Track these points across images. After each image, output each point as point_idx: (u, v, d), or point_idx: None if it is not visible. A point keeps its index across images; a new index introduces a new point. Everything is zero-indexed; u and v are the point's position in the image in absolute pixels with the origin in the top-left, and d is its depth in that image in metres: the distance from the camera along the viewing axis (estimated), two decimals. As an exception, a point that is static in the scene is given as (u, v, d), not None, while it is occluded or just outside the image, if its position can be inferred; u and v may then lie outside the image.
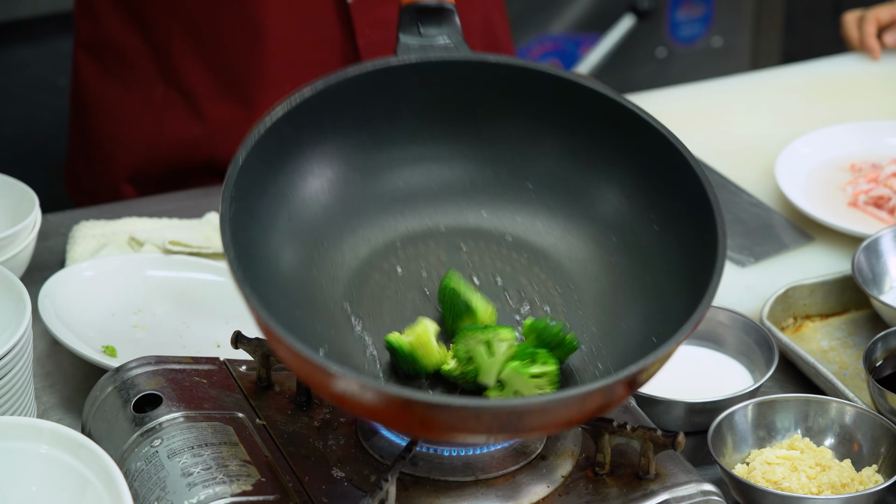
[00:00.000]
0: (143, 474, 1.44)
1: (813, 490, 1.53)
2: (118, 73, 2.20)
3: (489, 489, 1.42)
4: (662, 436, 1.41)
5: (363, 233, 1.54)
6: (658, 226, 1.49)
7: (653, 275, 1.47)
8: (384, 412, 1.33)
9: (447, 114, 1.55)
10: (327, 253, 1.51)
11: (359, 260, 1.52)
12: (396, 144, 1.55)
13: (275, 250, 1.47)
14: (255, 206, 1.45)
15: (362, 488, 1.42)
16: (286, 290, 1.46)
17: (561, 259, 1.53)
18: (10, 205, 1.88)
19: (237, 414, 1.50)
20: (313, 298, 1.48)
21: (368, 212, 1.54)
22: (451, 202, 1.57)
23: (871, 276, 1.82)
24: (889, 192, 2.01)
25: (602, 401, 1.33)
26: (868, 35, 2.40)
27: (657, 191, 1.49)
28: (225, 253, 1.36)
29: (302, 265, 1.49)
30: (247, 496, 1.39)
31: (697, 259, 1.41)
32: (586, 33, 3.61)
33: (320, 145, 1.52)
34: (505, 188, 1.56)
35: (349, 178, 1.54)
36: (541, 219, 1.55)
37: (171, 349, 1.74)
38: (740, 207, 2.02)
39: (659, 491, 1.42)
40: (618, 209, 1.52)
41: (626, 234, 1.51)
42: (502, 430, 1.32)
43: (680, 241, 1.46)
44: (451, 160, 1.57)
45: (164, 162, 2.20)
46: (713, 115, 2.28)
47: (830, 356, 1.78)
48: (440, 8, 1.52)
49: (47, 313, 1.73)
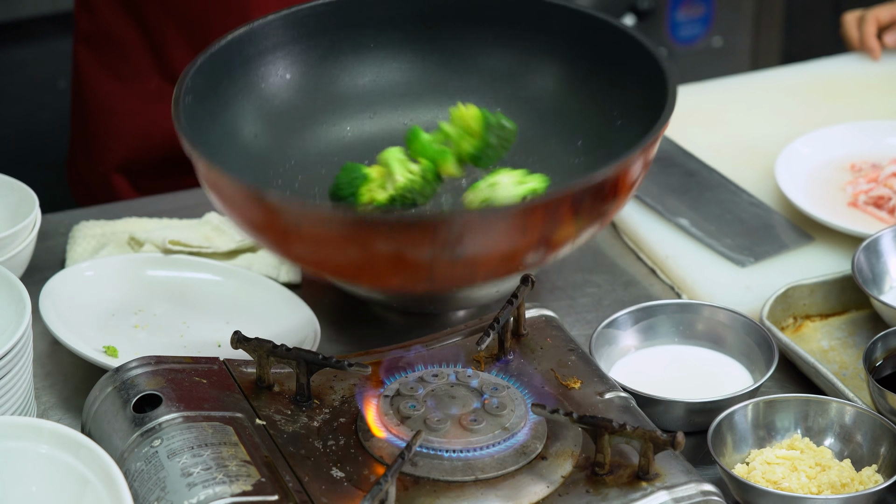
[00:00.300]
0: (143, 474, 1.44)
1: (813, 490, 1.53)
2: (114, 65, 2.21)
3: (489, 489, 1.42)
4: (662, 436, 1.41)
5: (329, 148, 1.60)
6: (620, 119, 1.54)
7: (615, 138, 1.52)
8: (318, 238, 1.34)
9: (415, 43, 1.62)
10: (291, 164, 1.57)
11: (323, 172, 1.57)
12: (366, 65, 1.61)
13: (236, 152, 1.53)
14: (216, 110, 1.51)
15: (362, 488, 1.42)
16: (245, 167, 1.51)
17: (528, 166, 1.55)
18: (10, 205, 1.88)
19: (237, 414, 1.50)
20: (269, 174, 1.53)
21: (334, 120, 1.61)
22: (417, 114, 1.63)
23: (871, 276, 1.82)
24: (889, 192, 2.00)
25: (545, 218, 1.32)
26: (868, 35, 2.40)
27: (614, 82, 1.55)
28: (176, 125, 1.41)
29: (264, 170, 1.55)
30: (246, 496, 1.39)
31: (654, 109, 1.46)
32: (586, 33, 3.60)
33: (287, 68, 1.58)
34: (471, 97, 1.60)
35: (316, 102, 1.60)
36: None
37: (172, 349, 1.74)
38: (740, 207, 2.02)
39: (658, 491, 1.42)
40: (581, 113, 1.58)
41: (589, 134, 1.56)
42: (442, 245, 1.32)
43: (640, 124, 1.49)
44: (421, 91, 1.64)
45: (159, 153, 2.21)
46: (713, 115, 2.27)
47: (830, 356, 1.78)
48: None
49: (48, 313, 1.73)
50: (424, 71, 1.62)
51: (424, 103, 1.62)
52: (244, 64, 1.54)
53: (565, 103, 1.57)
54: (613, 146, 1.50)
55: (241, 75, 1.53)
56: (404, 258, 1.29)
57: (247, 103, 1.53)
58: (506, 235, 1.30)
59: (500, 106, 1.59)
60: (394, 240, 1.28)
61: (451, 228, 1.28)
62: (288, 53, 1.56)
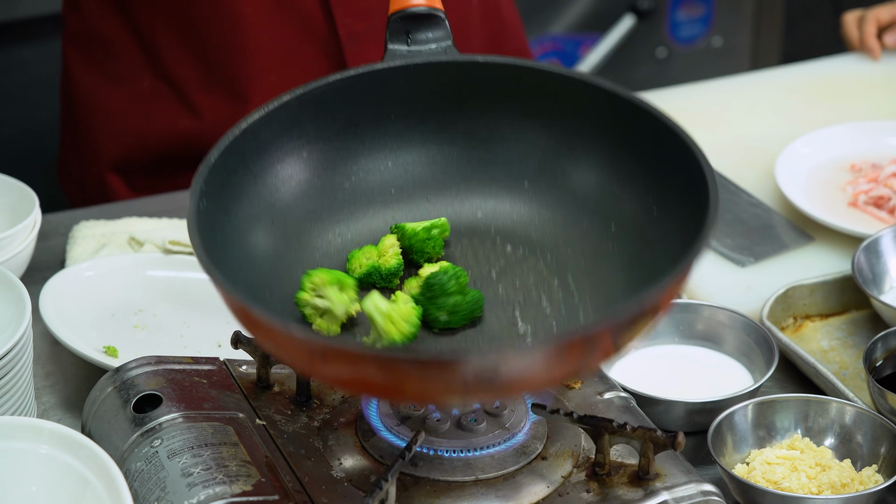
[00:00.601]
0: (143, 474, 1.44)
1: (813, 490, 1.53)
2: (105, 65, 2.20)
3: (489, 489, 1.42)
4: (662, 436, 1.41)
5: (350, 233, 1.52)
6: (656, 208, 1.45)
7: (650, 255, 1.43)
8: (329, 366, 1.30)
9: (437, 115, 1.53)
10: (311, 251, 1.50)
11: (344, 259, 1.50)
12: (386, 148, 1.53)
13: (253, 247, 1.45)
14: (230, 205, 1.44)
15: (362, 488, 1.42)
16: (268, 283, 1.44)
17: (559, 250, 1.50)
18: (9, 205, 1.88)
19: (237, 414, 1.50)
20: (295, 292, 1.46)
21: (356, 212, 1.53)
22: (445, 203, 1.55)
23: (871, 276, 1.82)
24: (889, 192, 2.01)
25: (583, 351, 1.27)
26: (868, 35, 2.40)
27: (654, 173, 1.45)
28: (191, 242, 1.34)
29: (285, 262, 1.48)
30: (247, 496, 1.39)
31: (691, 232, 1.35)
32: (587, 33, 3.61)
33: (304, 148, 1.50)
34: (500, 187, 1.54)
35: (336, 180, 1.52)
36: (538, 215, 1.53)
37: (172, 349, 1.74)
38: (740, 207, 2.02)
39: (659, 491, 1.42)
40: (615, 196, 1.49)
41: (624, 220, 1.48)
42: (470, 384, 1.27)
43: (676, 218, 1.41)
44: (444, 163, 1.55)
45: (154, 153, 2.20)
46: (713, 115, 2.28)
47: (830, 356, 1.78)
48: (429, 14, 1.50)
49: (48, 313, 1.73)
50: (448, 145, 1.54)
51: (449, 178, 1.54)
52: (259, 150, 1.47)
53: (599, 185, 1.49)
54: (647, 235, 1.44)
55: (257, 161, 1.46)
56: (438, 390, 1.28)
57: (262, 189, 1.47)
58: (544, 367, 1.26)
59: (527, 181, 1.52)
60: (426, 377, 1.26)
61: (484, 366, 1.24)
62: (304, 132, 1.48)
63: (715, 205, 1.34)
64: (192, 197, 1.38)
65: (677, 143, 1.42)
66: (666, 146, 1.43)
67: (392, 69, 1.49)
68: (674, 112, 2.30)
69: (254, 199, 1.46)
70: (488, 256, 1.51)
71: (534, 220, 1.52)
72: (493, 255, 1.51)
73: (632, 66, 3.65)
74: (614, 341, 1.29)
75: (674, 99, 2.33)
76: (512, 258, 1.50)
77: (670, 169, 1.43)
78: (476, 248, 1.52)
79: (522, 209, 1.53)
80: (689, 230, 1.34)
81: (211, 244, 1.35)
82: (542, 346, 1.26)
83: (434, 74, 1.50)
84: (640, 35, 3.63)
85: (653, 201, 1.45)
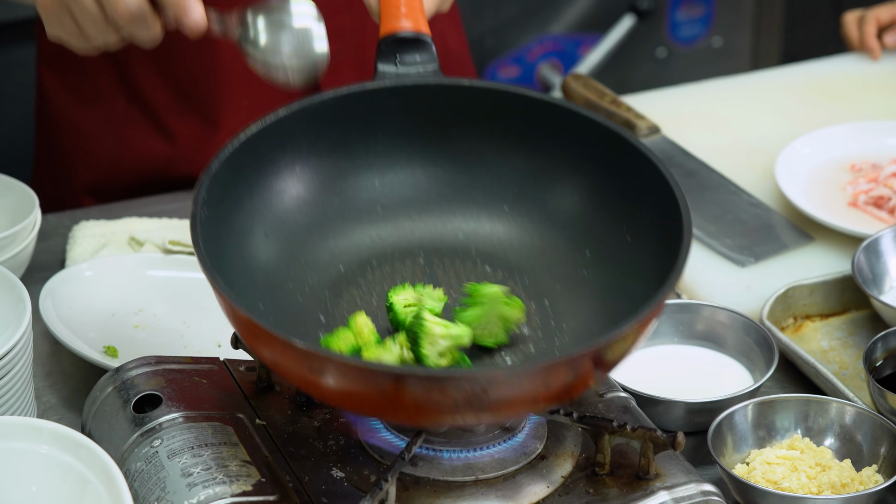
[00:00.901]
0: (143, 474, 1.44)
1: (813, 490, 1.53)
2: (79, 86, 2.18)
3: (489, 489, 1.42)
4: (662, 436, 1.41)
5: (338, 248, 1.56)
6: (630, 236, 1.50)
7: (626, 279, 1.48)
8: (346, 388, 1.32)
9: (423, 136, 1.58)
10: (302, 264, 1.53)
11: (333, 275, 1.54)
12: (374, 167, 1.58)
13: (248, 257, 1.49)
14: (228, 215, 1.48)
15: (362, 488, 1.42)
16: (260, 294, 1.48)
17: (536, 275, 1.54)
18: (9, 205, 1.88)
19: (237, 414, 1.50)
20: (288, 305, 1.50)
21: (345, 228, 1.57)
22: (428, 223, 1.59)
23: (871, 276, 1.82)
24: (889, 192, 2.01)
25: (567, 376, 1.32)
26: (868, 35, 2.40)
27: (628, 201, 1.51)
28: (195, 250, 1.38)
29: (276, 274, 1.51)
30: (247, 496, 1.39)
31: (668, 256, 1.41)
32: (586, 33, 3.61)
33: (297, 163, 1.54)
34: (480, 210, 1.58)
35: (326, 196, 1.56)
36: (517, 238, 1.57)
37: (173, 349, 1.74)
38: (740, 207, 2.02)
39: (659, 491, 1.42)
40: (591, 221, 1.54)
41: (599, 247, 1.52)
42: (468, 403, 1.31)
43: (650, 247, 1.46)
44: (428, 184, 1.59)
45: (127, 176, 2.18)
46: (713, 116, 2.28)
47: (830, 356, 1.78)
48: (417, 39, 1.56)
49: (48, 314, 1.73)
50: (433, 166, 1.59)
51: (433, 199, 1.59)
52: (256, 161, 1.51)
53: (577, 212, 1.54)
54: (621, 263, 1.49)
55: (252, 173, 1.51)
56: (429, 408, 1.32)
57: (258, 201, 1.52)
58: (529, 389, 1.31)
59: (506, 205, 1.58)
60: (420, 393, 1.30)
61: (475, 385, 1.29)
62: (297, 147, 1.53)
63: (688, 238, 1.39)
64: (194, 205, 1.42)
65: (652, 171, 1.47)
66: (641, 175, 1.48)
67: (382, 89, 1.55)
68: (674, 112, 2.31)
69: (249, 211, 1.51)
70: (468, 276, 1.55)
71: (512, 243, 1.57)
72: (474, 276, 1.55)
73: (632, 66, 3.65)
74: (596, 363, 1.33)
75: (673, 99, 2.33)
76: (492, 279, 1.54)
77: (645, 197, 1.48)
78: (458, 269, 1.56)
79: (501, 232, 1.58)
80: (661, 261, 1.40)
81: (212, 253, 1.39)
82: (530, 368, 1.31)
83: (421, 96, 1.56)
84: (640, 35, 3.63)
85: (626, 229, 1.50)
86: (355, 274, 1.54)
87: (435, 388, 1.29)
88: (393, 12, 1.56)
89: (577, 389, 1.36)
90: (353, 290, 1.53)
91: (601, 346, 1.32)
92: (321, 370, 1.31)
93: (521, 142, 1.57)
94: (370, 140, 1.57)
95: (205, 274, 1.37)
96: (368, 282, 1.54)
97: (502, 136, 1.57)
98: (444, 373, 1.32)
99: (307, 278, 1.52)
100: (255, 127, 1.50)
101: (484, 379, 1.29)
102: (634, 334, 1.35)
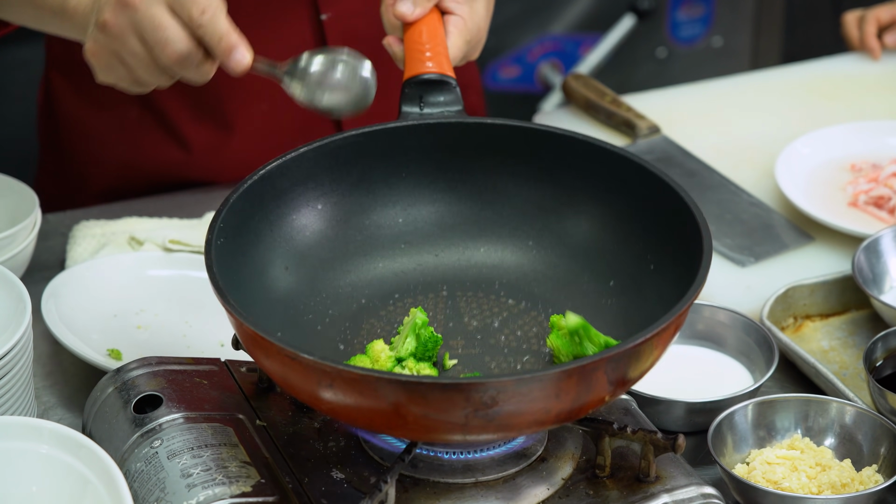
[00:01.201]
0: (143, 475, 1.44)
1: (813, 490, 1.53)
2: (92, 93, 2.17)
3: (489, 491, 1.42)
4: (663, 438, 1.41)
5: (361, 282, 1.58)
6: (653, 264, 1.51)
7: (649, 306, 1.48)
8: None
9: (447, 174, 1.60)
10: (323, 297, 1.55)
11: (354, 307, 1.56)
12: (398, 204, 1.60)
13: (268, 289, 1.51)
14: (248, 248, 1.50)
15: (362, 490, 1.42)
16: (279, 323, 1.49)
17: (560, 306, 1.55)
18: (10, 205, 1.88)
19: (237, 415, 1.50)
20: (307, 335, 1.52)
21: (368, 263, 1.59)
22: (452, 259, 1.61)
23: (871, 275, 1.82)
24: (889, 192, 2.01)
25: (578, 386, 1.31)
26: (868, 35, 2.40)
27: (651, 231, 1.52)
28: (209, 277, 1.40)
29: (296, 306, 1.53)
30: (246, 497, 1.39)
31: (689, 278, 1.42)
32: (587, 33, 3.60)
33: (319, 200, 1.57)
34: (505, 244, 1.60)
35: (349, 232, 1.59)
36: (541, 272, 1.58)
37: (175, 349, 1.74)
38: (740, 207, 2.02)
39: (659, 493, 1.42)
40: (614, 252, 1.55)
41: (622, 276, 1.53)
42: (475, 413, 1.31)
43: (671, 275, 1.47)
44: (452, 220, 1.61)
45: (141, 182, 2.17)
46: (713, 115, 2.28)
47: (830, 356, 1.78)
48: (441, 81, 1.58)
49: (51, 317, 1.73)
50: (457, 203, 1.61)
51: (457, 235, 1.61)
52: (276, 197, 1.53)
53: (599, 243, 1.56)
54: (645, 290, 1.50)
55: (273, 209, 1.53)
56: (437, 419, 1.31)
57: (278, 236, 1.54)
58: (540, 399, 1.31)
59: (531, 240, 1.59)
60: (427, 403, 1.29)
61: (484, 393, 1.28)
62: (319, 184, 1.55)
63: (707, 260, 1.41)
64: (209, 232, 1.44)
65: (674, 199, 1.48)
66: (663, 202, 1.50)
67: (405, 127, 1.57)
68: (674, 112, 2.31)
69: (270, 245, 1.53)
70: (492, 308, 1.56)
71: (536, 276, 1.58)
72: (497, 307, 1.56)
73: (632, 66, 3.64)
74: (608, 378, 1.33)
75: (674, 99, 2.33)
76: (514, 310, 1.55)
77: (667, 226, 1.49)
78: (480, 301, 1.57)
79: (526, 266, 1.59)
80: (682, 284, 1.41)
81: (227, 279, 1.40)
82: (540, 377, 1.30)
83: (444, 134, 1.58)
84: (641, 35, 3.62)
85: (651, 259, 1.51)
86: (377, 307, 1.56)
87: (442, 397, 1.28)
88: (417, 56, 1.58)
89: (592, 404, 1.35)
90: (374, 321, 1.54)
91: (613, 354, 1.32)
92: (328, 383, 1.31)
93: (544, 178, 1.58)
94: (393, 178, 1.59)
95: (217, 294, 1.38)
96: (390, 313, 1.56)
97: (525, 172, 1.59)
98: (449, 380, 1.30)
99: (328, 310, 1.54)
100: (274, 161, 1.52)
101: (493, 387, 1.29)
102: (651, 346, 1.35)
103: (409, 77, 1.59)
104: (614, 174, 1.54)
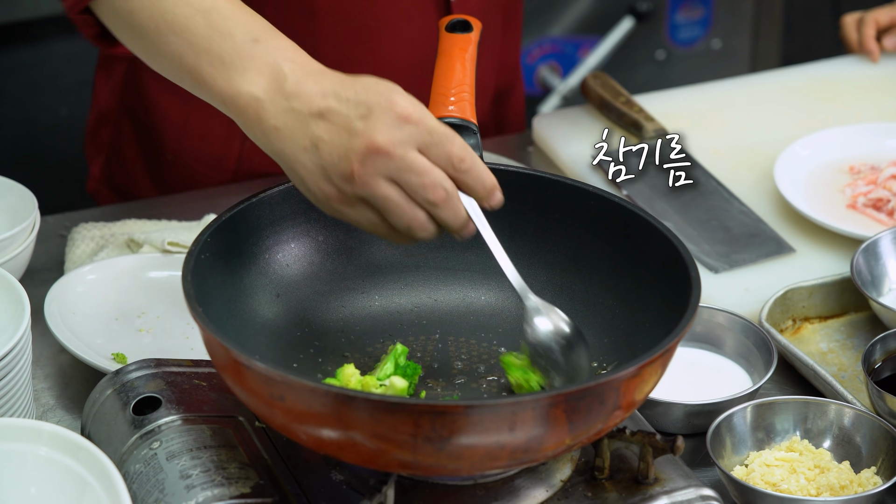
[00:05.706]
0: (142, 476, 1.44)
1: (812, 492, 1.53)
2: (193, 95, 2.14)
3: (488, 493, 1.42)
4: (662, 440, 1.41)
5: (353, 318, 1.58)
6: (650, 325, 1.51)
7: (639, 346, 1.49)
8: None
9: None
10: (313, 328, 1.56)
11: (343, 341, 1.56)
12: (402, 246, 1.60)
13: (255, 314, 1.52)
14: (237, 268, 1.51)
15: (361, 492, 1.42)
16: (261, 348, 1.50)
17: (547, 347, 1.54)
18: (9, 206, 1.88)
19: (237, 417, 1.51)
20: (287, 362, 1.52)
21: (363, 300, 1.59)
22: (450, 303, 1.61)
23: (870, 278, 1.82)
24: (888, 195, 2.01)
25: (533, 417, 1.31)
26: (867, 37, 2.40)
27: (650, 287, 1.53)
28: (183, 286, 1.40)
29: (282, 334, 1.54)
30: (245, 499, 1.39)
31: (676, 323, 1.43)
32: (586, 35, 3.61)
33: (321, 233, 1.57)
34: (507, 295, 1.59)
35: (349, 269, 1.59)
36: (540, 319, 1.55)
37: (179, 352, 1.74)
38: (729, 215, 2.01)
39: (658, 496, 1.42)
40: (611, 309, 1.56)
41: (617, 333, 1.54)
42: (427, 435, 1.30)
43: (662, 324, 1.46)
44: (455, 266, 1.62)
45: (252, 178, 2.16)
46: (712, 118, 2.28)
47: (829, 358, 1.78)
48: (462, 126, 1.56)
49: (55, 322, 1.73)
50: (462, 249, 1.61)
51: (458, 281, 1.62)
52: (274, 223, 1.54)
53: (598, 301, 1.57)
54: (635, 346, 1.50)
55: (271, 234, 1.54)
56: (386, 441, 1.31)
57: (272, 262, 1.54)
58: (492, 430, 1.30)
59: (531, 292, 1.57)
60: (375, 420, 1.29)
61: (434, 417, 1.28)
62: (323, 215, 1.53)
63: (688, 319, 1.42)
64: (193, 245, 1.44)
65: (678, 261, 1.50)
66: (666, 264, 1.51)
67: None
68: (673, 115, 2.30)
69: (263, 270, 1.54)
70: (481, 355, 1.57)
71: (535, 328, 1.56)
72: (487, 354, 1.57)
73: (631, 68, 3.65)
74: (568, 418, 1.32)
75: (673, 101, 2.33)
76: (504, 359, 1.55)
77: (666, 281, 1.51)
78: (471, 347, 1.58)
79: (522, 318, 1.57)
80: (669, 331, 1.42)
81: (201, 291, 1.40)
82: (494, 406, 1.30)
83: None
84: (640, 37, 3.62)
85: (648, 318, 1.51)
86: (364, 343, 1.56)
87: (390, 416, 1.28)
88: (442, 101, 1.57)
89: (550, 446, 1.35)
90: (359, 355, 1.54)
91: (573, 391, 1.32)
92: (279, 395, 1.32)
93: (552, 230, 1.59)
94: None
95: (189, 306, 1.38)
96: (377, 350, 1.56)
97: (536, 223, 1.60)
98: (400, 400, 1.31)
99: (314, 342, 1.55)
100: (277, 187, 1.53)
101: (442, 410, 1.28)
102: (611, 386, 1.35)
103: None
104: (623, 229, 1.55)
